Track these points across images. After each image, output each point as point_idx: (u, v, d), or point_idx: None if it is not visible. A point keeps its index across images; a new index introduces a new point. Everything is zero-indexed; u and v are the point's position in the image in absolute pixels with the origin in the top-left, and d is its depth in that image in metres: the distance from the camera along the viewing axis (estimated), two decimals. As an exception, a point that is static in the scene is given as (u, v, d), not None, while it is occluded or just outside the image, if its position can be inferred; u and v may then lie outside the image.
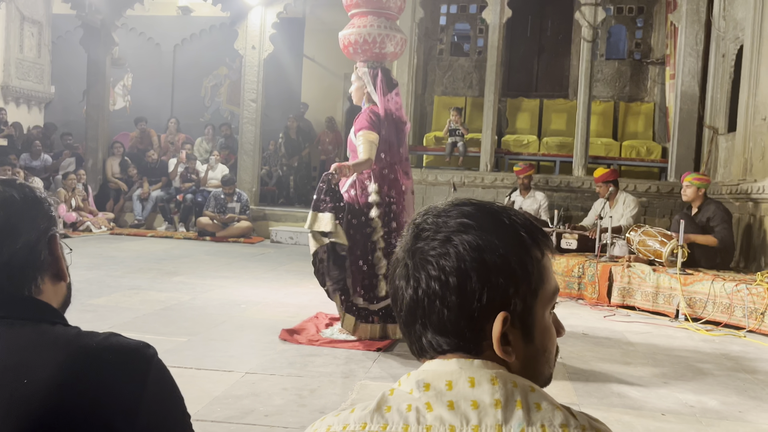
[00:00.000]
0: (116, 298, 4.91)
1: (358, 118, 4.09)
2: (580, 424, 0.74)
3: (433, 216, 0.82)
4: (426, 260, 0.79)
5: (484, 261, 0.77)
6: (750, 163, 6.66)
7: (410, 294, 0.80)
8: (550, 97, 10.05)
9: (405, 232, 0.84)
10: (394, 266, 0.84)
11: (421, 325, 0.80)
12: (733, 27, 7.55)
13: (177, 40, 12.71)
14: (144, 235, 9.42)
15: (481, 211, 0.81)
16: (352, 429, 0.77)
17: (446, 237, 0.79)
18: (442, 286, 0.78)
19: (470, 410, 0.74)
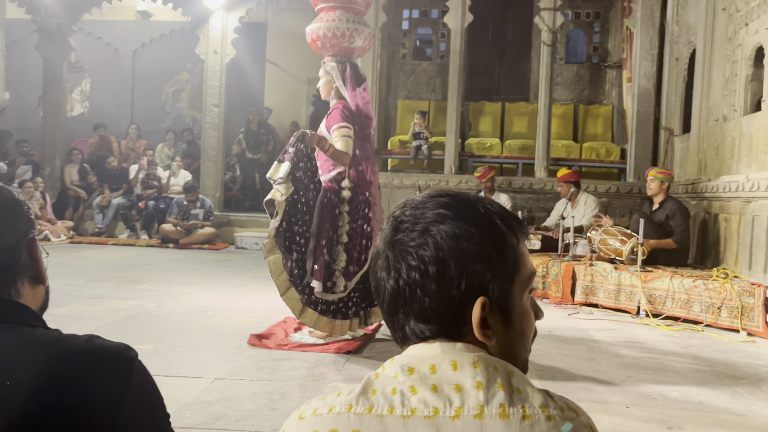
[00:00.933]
0: (79, 308, 4.81)
1: (332, 114, 4.08)
2: (559, 405, 0.77)
3: (411, 208, 0.85)
4: (405, 251, 0.82)
5: (461, 249, 0.80)
6: (704, 162, 6.88)
7: (391, 284, 0.83)
8: (512, 101, 10.21)
9: (384, 225, 0.87)
10: (375, 258, 0.86)
11: (403, 314, 0.83)
12: (686, 31, 7.79)
13: (136, 45, 12.53)
14: (105, 243, 9.24)
15: (457, 201, 0.84)
16: (337, 411, 0.79)
17: (424, 228, 0.81)
18: (422, 275, 0.80)
19: (453, 393, 0.77)
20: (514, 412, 0.75)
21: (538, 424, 0.75)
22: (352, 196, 4.03)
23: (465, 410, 0.75)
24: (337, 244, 4.03)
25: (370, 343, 4.12)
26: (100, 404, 0.89)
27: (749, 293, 4.79)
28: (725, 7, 6.50)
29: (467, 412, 0.75)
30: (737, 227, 5.80)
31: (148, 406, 0.96)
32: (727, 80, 6.40)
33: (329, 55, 4.22)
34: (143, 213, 9.89)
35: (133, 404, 0.91)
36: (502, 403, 0.76)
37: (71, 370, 0.89)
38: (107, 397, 0.90)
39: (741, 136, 5.95)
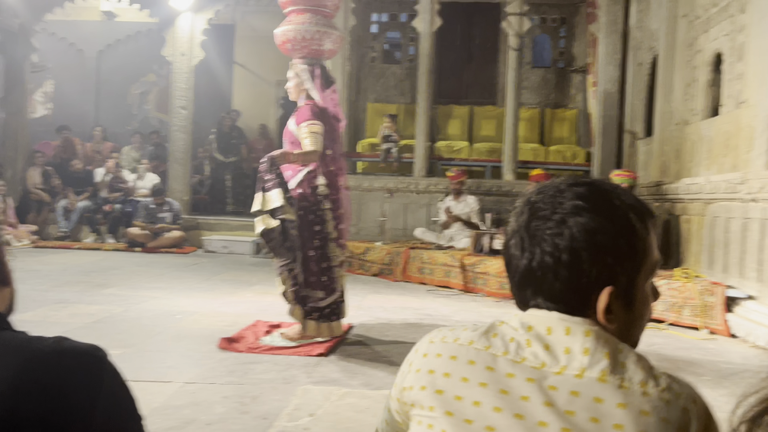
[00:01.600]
0: (43, 313, 4.72)
1: (300, 111, 4.08)
2: (661, 387, 0.82)
3: (549, 196, 0.91)
4: (542, 238, 0.88)
5: (595, 242, 0.86)
6: (666, 165, 7.05)
7: (524, 264, 0.91)
8: (480, 104, 10.31)
9: (520, 207, 0.94)
10: (510, 237, 0.94)
11: (532, 291, 0.91)
12: (648, 37, 7.98)
13: (101, 46, 12.33)
14: (70, 248, 9.07)
15: (594, 192, 0.90)
16: (461, 342, 0.91)
17: (561, 218, 0.88)
18: (555, 262, 0.87)
19: (561, 353, 0.85)
20: (612, 380, 0.82)
21: (631, 395, 0.80)
22: (329, 193, 4.05)
23: (568, 369, 0.83)
24: (328, 242, 4.05)
25: (341, 346, 4.13)
26: (74, 405, 0.88)
27: (710, 292, 4.93)
28: (686, 14, 6.68)
29: (569, 372, 0.83)
30: (698, 228, 5.96)
31: (122, 405, 0.96)
32: (687, 85, 6.57)
33: (298, 57, 4.23)
34: (109, 216, 9.73)
35: (106, 404, 0.91)
36: (604, 370, 0.82)
37: (41, 372, 0.89)
38: (81, 397, 0.89)
39: (701, 140, 6.12)
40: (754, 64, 5.09)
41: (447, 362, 0.90)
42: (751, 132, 5.02)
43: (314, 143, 3.92)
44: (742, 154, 5.22)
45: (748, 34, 5.25)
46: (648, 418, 0.79)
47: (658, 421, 0.79)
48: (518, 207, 0.94)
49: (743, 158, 5.17)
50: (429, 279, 6.93)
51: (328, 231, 4.07)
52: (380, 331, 4.57)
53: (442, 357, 0.91)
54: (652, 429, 0.79)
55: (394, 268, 7.26)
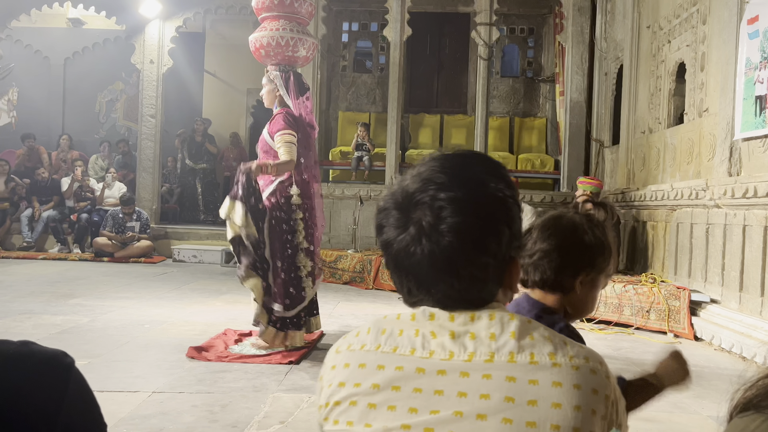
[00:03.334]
0: (5, 324, 4.60)
1: (275, 120, 4.07)
2: (569, 354, 0.84)
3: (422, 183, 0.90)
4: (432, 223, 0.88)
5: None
6: (632, 173, 7.18)
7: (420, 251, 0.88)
8: (450, 113, 10.40)
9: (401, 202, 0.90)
10: (399, 224, 0.90)
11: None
12: (614, 47, 8.15)
13: (68, 54, 12.14)
14: (35, 258, 8.88)
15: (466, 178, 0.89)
16: (367, 348, 0.90)
17: (439, 206, 0.88)
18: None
19: (468, 340, 0.86)
20: (522, 358, 0.83)
21: (543, 369, 0.82)
22: (302, 203, 4.04)
23: (477, 356, 0.84)
24: (298, 252, 4.03)
25: (313, 353, 4.11)
26: (38, 410, 0.87)
27: (675, 297, 5.03)
28: (649, 25, 6.84)
29: (479, 358, 0.84)
30: (663, 234, 6.08)
31: (86, 413, 0.95)
32: (652, 94, 6.72)
33: (272, 64, 4.22)
34: (76, 226, 9.56)
35: (70, 411, 0.90)
36: (511, 351, 0.84)
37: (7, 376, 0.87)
38: (45, 403, 0.87)
39: (665, 148, 6.26)
40: (715, 74, 5.23)
41: (356, 372, 0.88)
42: (713, 140, 5.15)
43: (288, 153, 3.91)
44: (704, 161, 5.35)
45: (710, 45, 5.39)
46: (561, 388, 0.81)
47: (571, 389, 0.81)
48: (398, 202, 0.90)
49: (706, 165, 5.30)
50: (401, 286, 6.94)
51: (299, 241, 4.06)
52: (352, 338, 4.56)
53: (351, 367, 0.89)
54: (565, 398, 0.80)
55: (365, 276, 7.26)
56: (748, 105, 4.54)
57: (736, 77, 4.71)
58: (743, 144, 4.70)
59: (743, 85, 4.60)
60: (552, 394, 0.80)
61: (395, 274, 0.91)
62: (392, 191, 0.91)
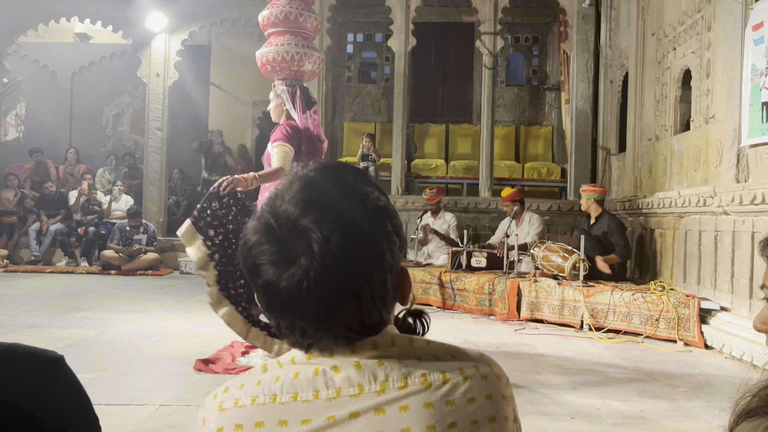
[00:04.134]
0: (14, 338, 4.59)
1: (275, 131, 4.08)
2: (473, 364, 0.79)
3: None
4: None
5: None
6: (639, 180, 7.16)
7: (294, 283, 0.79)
8: (456, 122, 10.41)
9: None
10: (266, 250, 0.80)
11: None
12: (619, 55, 8.14)
13: (75, 68, 12.23)
14: (42, 272, 8.91)
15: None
16: (261, 401, 0.77)
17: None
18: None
19: (377, 368, 0.77)
20: (435, 379, 0.76)
21: (434, 391, 0.75)
22: None
23: (390, 383, 0.76)
24: None
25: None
26: (29, 407, 0.88)
27: (684, 305, 4.98)
28: (654, 32, 6.83)
29: (392, 385, 0.76)
30: (672, 242, 6.05)
31: (77, 408, 0.96)
32: (657, 101, 6.70)
33: (279, 79, 4.24)
34: (83, 239, 9.59)
35: (61, 407, 0.91)
36: (423, 373, 0.77)
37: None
38: (36, 399, 0.89)
39: (672, 155, 6.23)
40: (720, 81, 5.21)
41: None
42: (720, 146, 5.12)
43: (280, 160, 3.88)
44: (712, 167, 5.32)
45: (715, 52, 5.38)
46: (475, 403, 0.76)
47: (485, 401, 0.77)
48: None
49: (713, 172, 5.27)
50: (408, 297, 6.90)
51: None
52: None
53: (245, 428, 0.76)
54: (480, 412, 0.76)
55: (372, 287, 7.23)
56: (754, 111, 4.51)
57: (742, 83, 4.69)
58: (750, 150, 4.67)
59: (749, 92, 4.58)
60: (444, 412, 0.75)
61: (283, 317, 0.77)
62: (262, 222, 0.78)
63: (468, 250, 6.82)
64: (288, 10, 4.20)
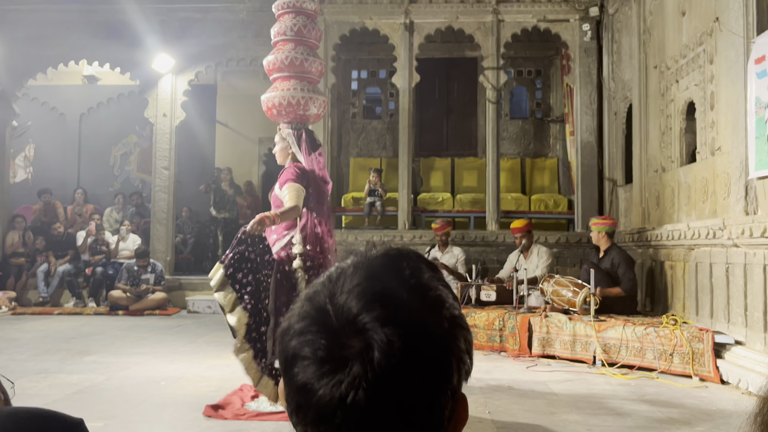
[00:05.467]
0: (22, 385, 4.57)
1: (284, 173, 4.11)
2: None
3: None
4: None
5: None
6: (647, 212, 7.13)
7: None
8: (461, 156, 10.45)
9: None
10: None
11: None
12: (622, 87, 8.19)
13: (83, 110, 12.38)
14: (50, 313, 8.89)
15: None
16: None
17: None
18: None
19: None
20: None
21: None
22: (305, 254, 4.00)
23: None
24: None
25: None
26: None
27: (698, 339, 4.92)
28: (656, 65, 6.88)
29: None
30: (682, 274, 6.00)
31: None
32: (662, 133, 6.72)
33: (284, 122, 4.28)
34: (91, 280, 9.59)
35: None
36: None
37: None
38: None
39: (679, 186, 6.22)
40: (725, 113, 5.23)
41: None
42: (727, 178, 5.11)
43: (293, 199, 3.92)
44: (720, 199, 5.30)
45: (718, 84, 5.41)
46: None
47: None
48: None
49: (722, 204, 5.25)
50: (417, 333, 6.84)
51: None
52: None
53: None
54: None
55: (381, 324, 7.17)
56: (761, 143, 4.51)
57: (747, 116, 4.70)
58: (758, 182, 4.66)
59: (755, 124, 4.59)
60: None
61: (314, 427, 0.62)
62: (314, 305, 0.64)
63: (477, 284, 6.78)
64: (294, 55, 4.26)
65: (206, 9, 9.85)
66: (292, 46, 4.29)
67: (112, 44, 9.93)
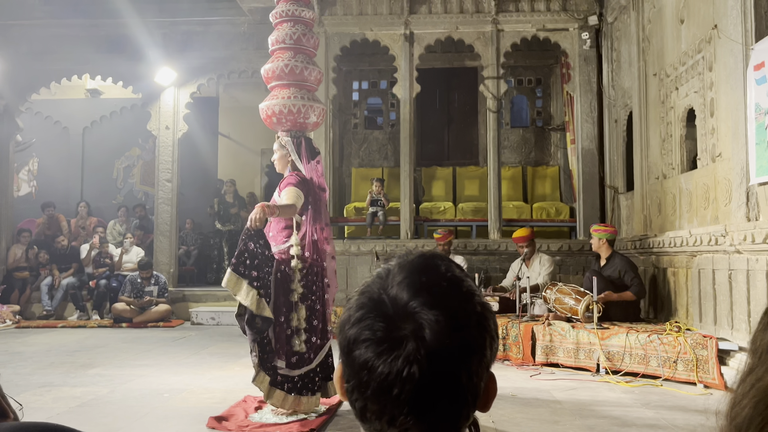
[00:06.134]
0: (26, 399, 4.58)
1: (285, 180, 4.15)
2: None
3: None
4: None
5: None
6: (649, 219, 7.13)
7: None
8: (462, 165, 10.47)
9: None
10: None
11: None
12: (622, 95, 8.21)
13: (86, 123, 12.45)
14: (54, 326, 8.91)
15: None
16: None
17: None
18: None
19: None
20: None
21: None
22: (302, 256, 4.02)
23: None
24: (294, 309, 4.01)
25: (334, 419, 4.03)
26: None
27: (702, 345, 4.91)
28: (656, 73, 6.90)
29: None
30: (685, 281, 5.99)
31: None
32: (663, 140, 6.73)
33: (283, 131, 4.31)
34: (94, 292, 9.61)
35: None
36: None
37: None
38: None
39: (681, 193, 6.23)
40: (725, 120, 5.24)
41: None
42: (728, 185, 5.12)
43: (293, 198, 3.96)
44: (721, 206, 5.30)
45: (718, 91, 5.42)
46: None
47: None
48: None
49: (723, 210, 5.26)
50: (420, 343, 6.83)
51: (298, 298, 4.03)
52: (373, 401, 4.47)
53: None
54: None
55: (384, 334, 7.16)
56: (761, 150, 4.52)
57: (747, 122, 4.72)
58: (760, 189, 4.66)
59: (755, 130, 4.60)
60: None
61: (375, 401, 0.73)
62: (369, 297, 0.76)
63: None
64: (293, 63, 4.29)
65: (208, 22, 9.92)
66: (291, 54, 4.32)
67: (115, 58, 10.01)
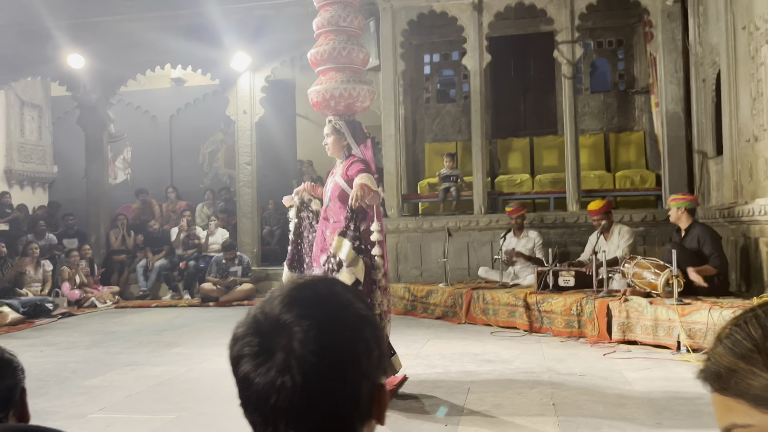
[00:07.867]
0: (111, 377, 4.91)
1: (352, 166, 4.16)
2: None
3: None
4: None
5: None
6: (740, 185, 6.63)
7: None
8: (540, 135, 10.12)
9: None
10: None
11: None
12: (710, 52, 7.62)
13: (172, 111, 13.01)
14: (149, 306, 9.46)
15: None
16: None
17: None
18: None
19: None
20: None
21: None
22: (382, 240, 4.09)
23: None
24: (375, 290, 4.06)
25: (392, 399, 4.05)
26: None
27: (792, 322, 4.53)
28: (745, 26, 6.35)
29: None
30: (777, 251, 5.55)
31: None
32: (753, 99, 6.21)
33: (334, 115, 4.31)
34: (184, 273, 10.12)
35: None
36: None
37: None
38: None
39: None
40: (819, 74, 4.75)
41: None
42: (822, 146, 4.66)
43: (374, 184, 3.99)
44: (816, 170, 4.84)
45: (810, 43, 4.91)
46: None
47: None
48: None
49: (818, 175, 4.80)
50: (493, 320, 6.74)
51: (378, 278, 4.07)
52: (434, 382, 4.46)
53: None
54: None
55: (457, 311, 7.12)
56: None
57: (842, 77, 4.25)
58: None
59: None
60: None
61: (258, 414, 0.78)
62: (250, 317, 0.82)
63: (554, 270, 6.57)
64: (341, 46, 4.27)
65: (280, 5, 10.02)
66: (337, 37, 4.30)
67: (194, 47, 10.32)
